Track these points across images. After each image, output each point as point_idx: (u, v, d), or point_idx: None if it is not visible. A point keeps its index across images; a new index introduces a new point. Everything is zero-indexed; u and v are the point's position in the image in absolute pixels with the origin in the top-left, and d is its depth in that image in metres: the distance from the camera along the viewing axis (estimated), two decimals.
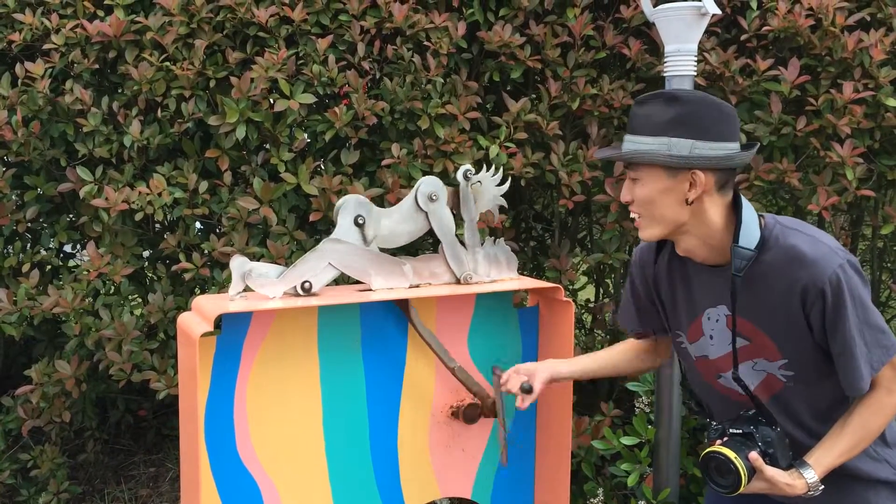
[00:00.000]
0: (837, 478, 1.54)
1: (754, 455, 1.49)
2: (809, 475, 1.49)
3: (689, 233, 1.53)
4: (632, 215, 1.57)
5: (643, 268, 1.75)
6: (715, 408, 1.71)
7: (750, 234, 1.49)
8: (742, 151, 1.49)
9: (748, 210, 1.51)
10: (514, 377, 1.83)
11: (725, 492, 1.51)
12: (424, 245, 2.80)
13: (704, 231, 1.52)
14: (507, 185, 2.02)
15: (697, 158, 1.44)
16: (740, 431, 1.55)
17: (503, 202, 2.03)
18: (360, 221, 1.85)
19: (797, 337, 1.50)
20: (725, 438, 1.55)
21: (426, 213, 1.93)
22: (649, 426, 2.47)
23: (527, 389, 1.80)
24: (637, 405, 2.69)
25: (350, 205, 1.85)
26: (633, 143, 1.50)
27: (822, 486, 1.49)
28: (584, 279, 3.41)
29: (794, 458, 1.53)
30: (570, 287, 3.15)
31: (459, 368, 2.00)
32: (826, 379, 1.52)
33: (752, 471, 1.50)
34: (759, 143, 1.53)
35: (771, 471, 1.49)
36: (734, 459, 1.49)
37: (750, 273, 1.51)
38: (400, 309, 1.98)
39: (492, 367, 1.95)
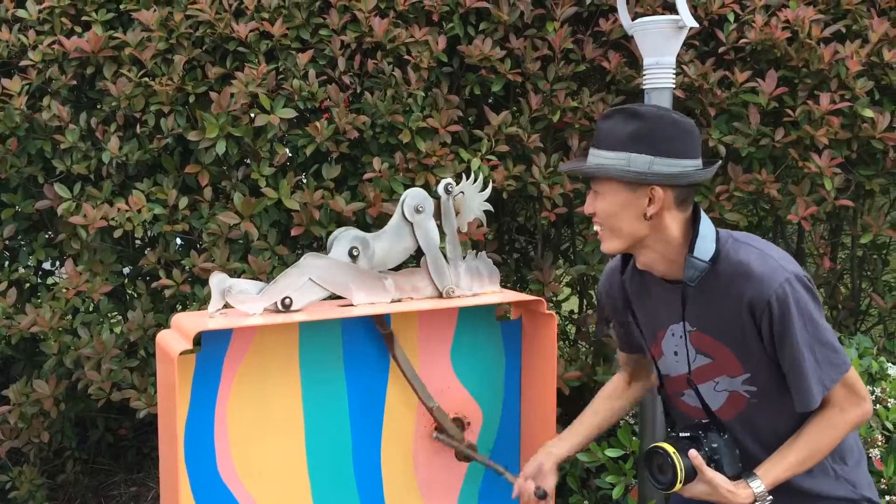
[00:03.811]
0: (796, 497, 1.55)
1: (694, 453, 1.50)
2: (756, 485, 1.49)
3: (649, 247, 1.55)
4: (594, 228, 1.59)
5: (611, 288, 1.76)
6: (679, 426, 1.71)
7: (705, 247, 1.51)
8: (702, 169, 1.50)
9: (706, 224, 1.53)
10: (525, 486, 1.79)
11: (662, 488, 1.53)
12: (407, 259, 2.79)
13: (663, 245, 1.54)
14: (490, 189, 2.01)
15: (654, 175, 1.46)
16: (688, 435, 1.58)
17: (489, 207, 2.02)
18: (355, 253, 1.85)
19: (755, 350, 1.51)
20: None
21: (412, 224, 1.92)
22: (633, 438, 2.46)
23: (542, 496, 1.77)
24: (623, 418, 2.69)
25: (346, 238, 1.84)
26: (596, 157, 1.52)
27: (770, 498, 1.50)
28: (567, 290, 3.41)
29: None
30: (554, 299, 3.15)
31: (437, 409, 2.00)
32: (788, 393, 1.52)
33: (692, 471, 1.51)
34: (720, 161, 1.57)
35: (711, 473, 1.50)
36: (673, 454, 1.51)
37: (705, 287, 1.52)
38: (384, 343, 1.97)
39: (506, 476, 1.93)
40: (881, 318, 3.27)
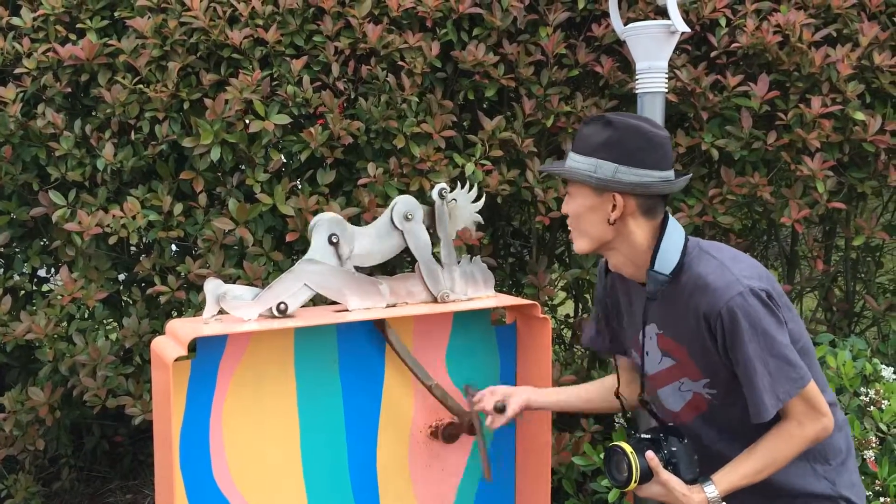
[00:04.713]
0: (772, 494, 1.58)
1: (651, 454, 1.54)
2: (710, 490, 1.52)
3: (616, 250, 1.61)
4: (569, 227, 1.64)
5: (602, 288, 1.81)
6: (642, 427, 1.74)
7: (668, 259, 1.55)
8: (667, 181, 1.54)
9: (672, 234, 1.56)
10: (488, 396, 1.85)
11: (618, 486, 1.57)
12: (402, 264, 2.80)
13: (629, 250, 1.59)
14: (482, 201, 2.02)
15: (617, 183, 1.52)
16: (649, 437, 1.61)
17: (479, 219, 2.04)
18: (335, 240, 1.84)
19: (714, 360, 1.54)
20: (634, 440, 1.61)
21: (402, 231, 1.93)
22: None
23: (500, 409, 1.83)
24: (616, 420, 2.69)
25: (323, 223, 1.85)
26: (571, 161, 1.59)
27: None
28: (563, 294, 3.42)
29: None
30: (549, 302, 3.15)
31: (436, 386, 1.99)
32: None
33: (649, 472, 1.54)
34: (690, 175, 1.63)
35: (667, 475, 1.53)
36: (630, 454, 1.54)
37: (668, 294, 1.56)
38: (377, 328, 1.97)
39: (464, 386, 1.96)
40: (875, 320, 3.28)
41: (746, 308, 1.46)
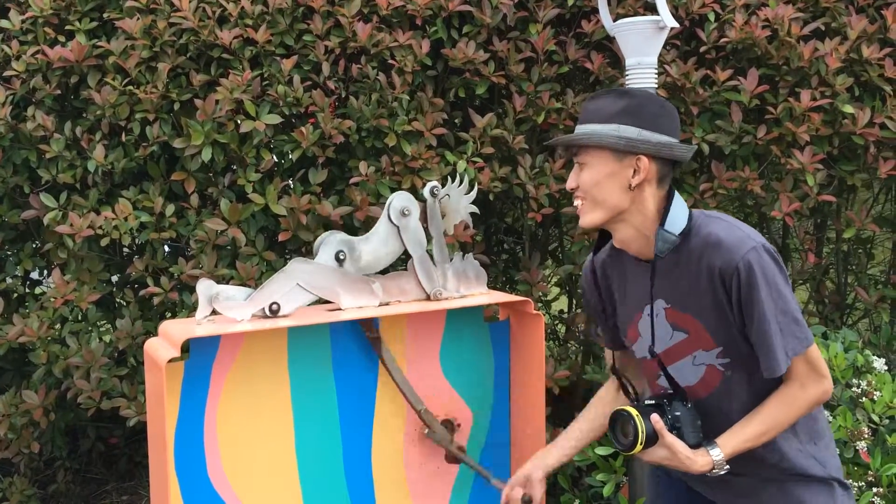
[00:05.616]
0: (773, 476, 1.60)
1: (656, 417, 1.54)
2: (716, 453, 1.53)
3: (627, 221, 1.60)
4: (575, 202, 1.63)
5: (588, 280, 1.80)
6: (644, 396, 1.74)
7: (676, 222, 1.56)
8: (683, 146, 1.59)
9: (679, 202, 1.59)
10: (511, 495, 1.79)
11: (624, 450, 1.57)
12: (395, 262, 2.80)
13: (640, 220, 1.59)
14: (475, 192, 2.03)
15: (644, 143, 1.54)
16: (653, 402, 1.61)
17: (475, 209, 2.04)
18: (342, 257, 1.85)
19: (726, 323, 1.55)
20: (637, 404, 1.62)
21: (398, 227, 1.93)
22: None
23: (527, 502, 1.79)
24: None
25: (333, 241, 1.85)
26: (584, 129, 1.58)
27: (728, 466, 1.54)
28: (557, 290, 3.43)
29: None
30: (543, 298, 3.16)
31: (426, 412, 2.01)
32: (759, 365, 1.55)
33: (654, 435, 1.54)
34: (696, 147, 1.63)
35: (672, 438, 1.54)
36: (636, 417, 1.55)
37: (675, 261, 1.57)
38: (372, 348, 1.98)
39: (492, 482, 1.94)
40: (866, 312, 3.30)
41: (761, 263, 1.48)
